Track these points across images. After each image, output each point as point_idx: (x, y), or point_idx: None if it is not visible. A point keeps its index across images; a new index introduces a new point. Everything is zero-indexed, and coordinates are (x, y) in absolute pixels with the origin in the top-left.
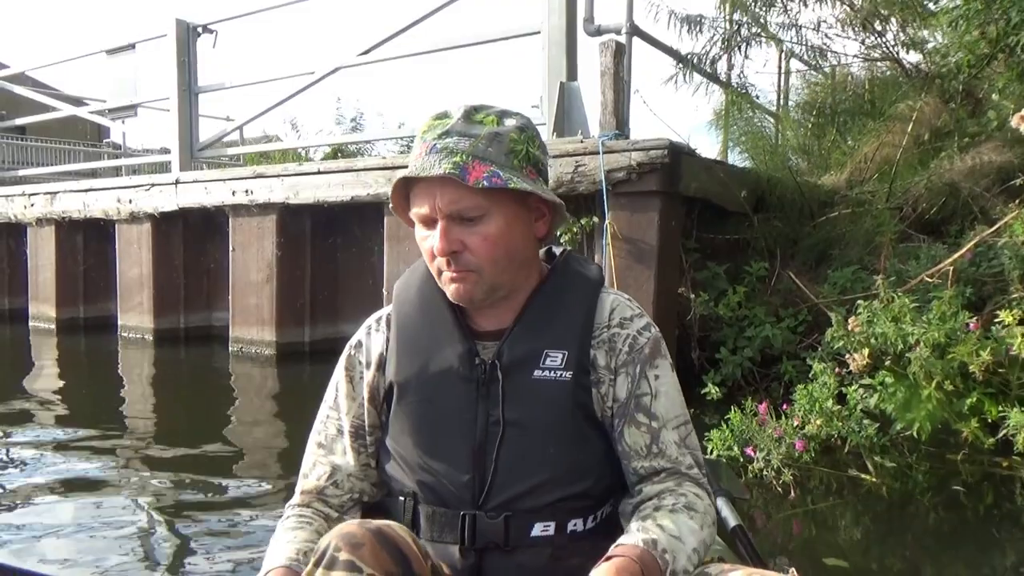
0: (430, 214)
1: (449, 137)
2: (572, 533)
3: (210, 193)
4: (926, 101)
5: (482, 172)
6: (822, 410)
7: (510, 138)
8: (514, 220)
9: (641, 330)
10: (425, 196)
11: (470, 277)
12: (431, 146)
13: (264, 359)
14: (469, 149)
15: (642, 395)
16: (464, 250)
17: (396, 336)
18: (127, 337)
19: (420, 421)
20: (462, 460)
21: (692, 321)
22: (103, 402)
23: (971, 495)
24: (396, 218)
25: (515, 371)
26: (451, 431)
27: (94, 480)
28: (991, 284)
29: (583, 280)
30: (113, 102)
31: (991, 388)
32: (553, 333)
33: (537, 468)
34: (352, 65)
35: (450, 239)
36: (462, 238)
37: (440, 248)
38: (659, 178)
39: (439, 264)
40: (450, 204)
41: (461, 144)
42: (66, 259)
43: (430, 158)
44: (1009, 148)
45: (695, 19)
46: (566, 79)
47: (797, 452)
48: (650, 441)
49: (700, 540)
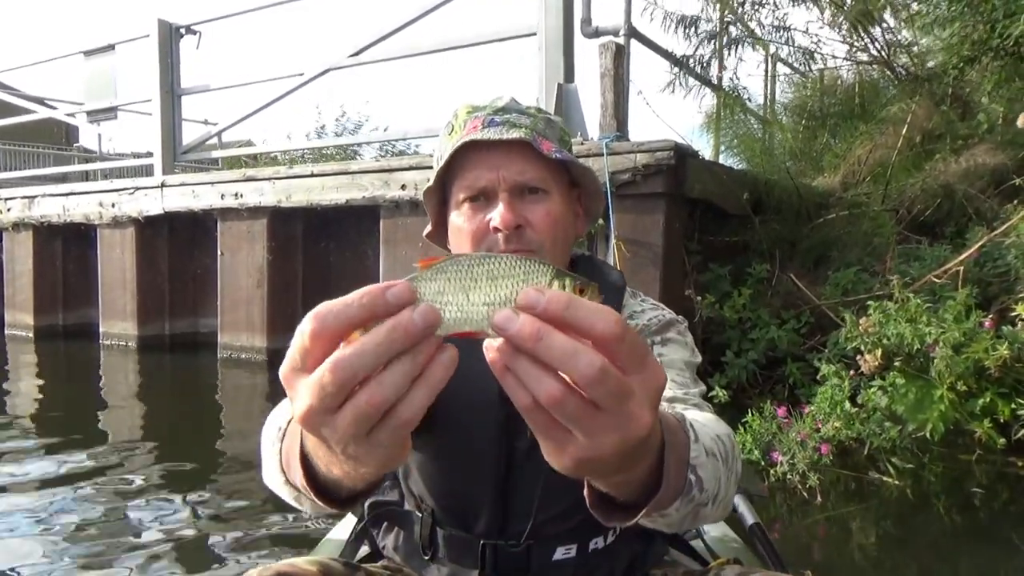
0: (489, 186)
1: (508, 113)
2: (594, 551)
3: (198, 197)
4: (918, 104)
5: (551, 146)
6: (842, 412)
7: (561, 127)
8: (568, 205)
9: (653, 314)
10: (484, 167)
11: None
12: (487, 119)
13: (255, 365)
14: (531, 125)
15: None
16: (527, 225)
17: None
18: (109, 344)
19: (443, 443)
20: (486, 488)
21: (697, 324)
22: (86, 410)
23: (987, 496)
24: (392, 221)
25: None
26: (475, 457)
27: (77, 489)
28: (996, 284)
29: (607, 285)
30: (91, 104)
31: (1003, 387)
32: None
33: (563, 494)
34: (343, 67)
35: (516, 212)
36: (524, 213)
37: (506, 220)
38: (664, 180)
39: (490, 243)
40: (519, 173)
41: (523, 120)
42: (44, 265)
43: (491, 130)
44: (1002, 150)
45: (690, 20)
46: (563, 81)
47: (820, 456)
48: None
49: (726, 432)
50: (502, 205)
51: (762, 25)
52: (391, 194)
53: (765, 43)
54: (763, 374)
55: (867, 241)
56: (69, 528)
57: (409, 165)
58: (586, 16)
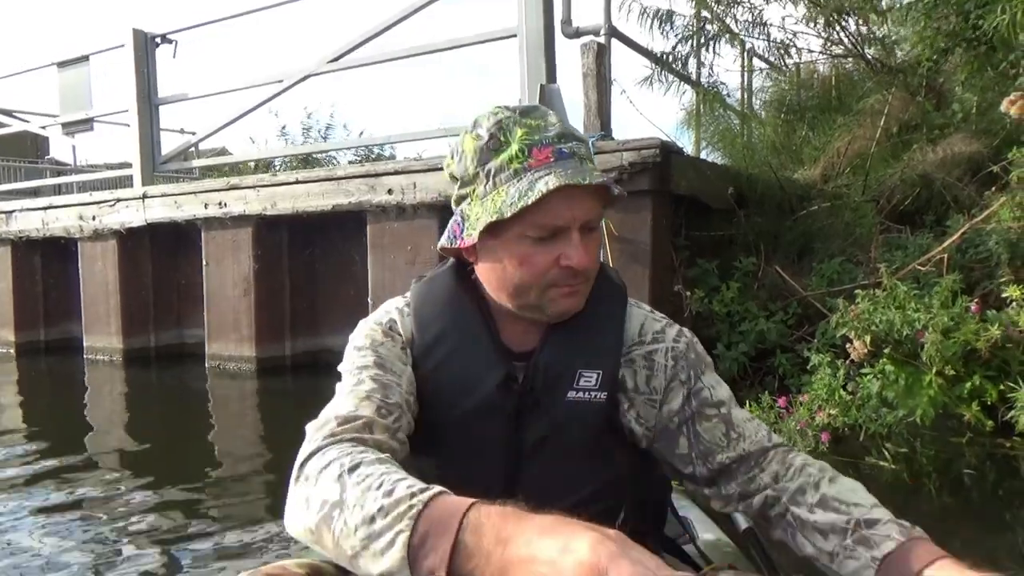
0: (564, 224)
1: (569, 141)
2: None
3: (181, 207)
4: (894, 95)
5: (606, 179)
6: (839, 399)
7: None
8: None
9: (677, 337)
10: (563, 207)
11: (583, 288)
12: (557, 151)
13: (244, 375)
14: (586, 154)
15: (700, 389)
16: None
17: (424, 351)
18: (94, 359)
19: (451, 440)
20: (494, 483)
21: (687, 319)
22: (73, 424)
23: (978, 477)
24: (379, 226)
25: (549, 393)
26: (482, 455)
27: (68, 504)
28: (978, 270)
29: (612, 290)
30: (66, 116)
31: (991, 371)
32: (587, 351)
33: (566, 491)
34: (322, 72)
35: (588, 251)
36: (588, 250)
37: (586, 260)
38: (651, 177)
39: (553, 279)
40: (589, 213)
41: (583, 149)
42: (24, 281)
43: (569, 164)
44: (977, 139)
45: (666, 16)
46: (546, 81)
47: (821, 444)
48: (726, 428)
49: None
50: (576, 243)
51: (737, 20)
52: (377, 199)
53: (741, 39)
54: (752, 366)
55: (849, 232)
56: (59, 540)
57: (395, 169)
58: (566, 16)
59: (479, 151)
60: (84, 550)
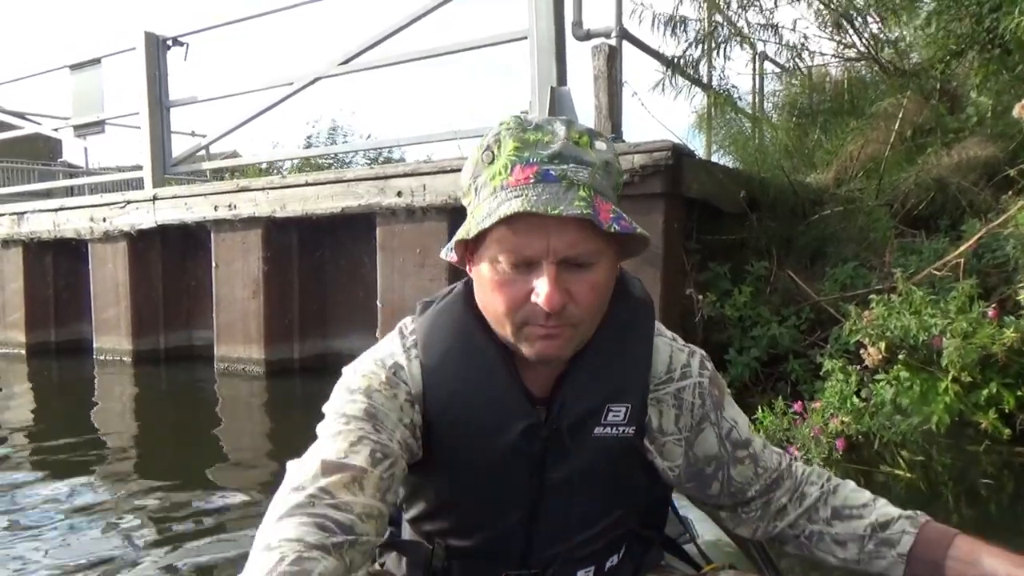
0: (535, 256)
1: (564, 163)
2: (609, 570)
3: (191, 209)
4: (908, 98)
5: (608, 212)
6: (851, 406)
7: (616, 169)
8: (613, 270)
9: (701, 371)
10: (534, 236)
11: (566, 333)
12: (542, 172)
13: (253, 377)
14: (589, 181)
15: (730, 431)
16: (569, 301)
17: (439, 406)
18: (103, 360)
19: (469, 487)
20: (512, 524)
21: (698, 323)
22: (82, 424)
23: (995, 486)
24: (388, 228)
25: (575, 433)
26: (503, 498)
27: (78, 505)
28: (995, 275)
29: (637, 312)
30: (78, 119)
31: (1008, 377)
32: (615, 384)
33: (587, 524)
34: (333, 75)
35: (561, 290)
36: (568, 287)
37: (552, 301)
38: (663, 180)
39: (526, 316)
40: (569, 247)
41: (580, 175)
42: (35, 281)
43: (548, 188)
44: (992, 142)
45: (679, 20)
46: (556, 84)
47: (835, 452)
48: (754, 466)
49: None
50: (548, 282)
51: (749, 24)
52: (387, 201)
53: (753, 42)
54: (764, 371)
55: (863, 236)
56: (67, 539)
57: (404, 172)
58: (577, 19)
59: (476, 162)
60: (92, 549)
